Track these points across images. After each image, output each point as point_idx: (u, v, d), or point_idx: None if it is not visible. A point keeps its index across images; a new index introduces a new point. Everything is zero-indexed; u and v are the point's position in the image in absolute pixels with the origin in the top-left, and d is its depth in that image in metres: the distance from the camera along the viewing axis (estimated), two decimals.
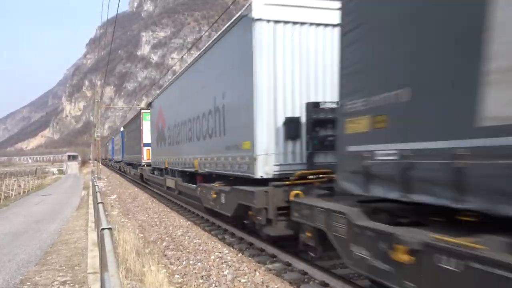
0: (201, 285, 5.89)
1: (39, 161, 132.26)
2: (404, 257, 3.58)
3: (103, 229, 4.23)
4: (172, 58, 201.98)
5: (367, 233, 4.15)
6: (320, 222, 5.22)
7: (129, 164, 29.95)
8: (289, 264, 6.38)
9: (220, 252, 7.51)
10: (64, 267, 6.56)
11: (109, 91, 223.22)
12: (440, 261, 3.22)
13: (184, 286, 5.95)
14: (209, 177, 10.01)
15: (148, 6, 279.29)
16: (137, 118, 24.45)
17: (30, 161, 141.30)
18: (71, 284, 5.65)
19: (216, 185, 9.07)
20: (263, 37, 6.76)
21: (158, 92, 18.10)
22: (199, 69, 10.38)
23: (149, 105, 19.30)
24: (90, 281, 5.67)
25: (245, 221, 8.25)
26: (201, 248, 7.97)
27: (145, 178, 22.05)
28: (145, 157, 21.77)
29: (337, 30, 5.54)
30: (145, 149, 21.71)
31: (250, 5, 6.82)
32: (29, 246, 8.34)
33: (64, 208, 15.07)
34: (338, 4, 5.00)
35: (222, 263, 6.82)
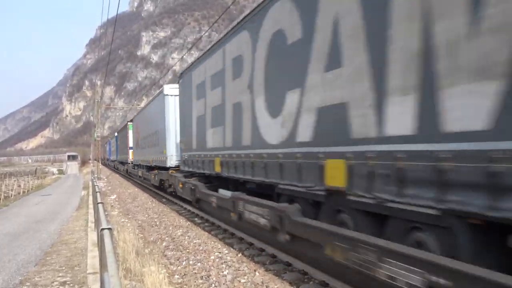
0: (201, 285, 5.88)
1: (39, 161, 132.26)
2: (181, 185, 12.56)
3: (103, 229, 4.23)
4: (172, 58, 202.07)
5: (180, 181, 12.65)
6: (173, 181, 13.89)
7: (121, 163, 40.17)
8: (289, 264, 6.38)
9: (220, 252, 7.50)
10: (64, 268, 6.56)
11: (109, 91, 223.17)
12: (186, 185, 11.89)
13: (184, 286, 5.94)
14: (155, 168, 18.24)
15: (148, 6, 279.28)
16: (125, 127, 32.95)
17: (30, 161, 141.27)
18: (71, 285, 5.64)
19: (156, 171, 18.03)
20: (169, 102, 14.55)
21: (136, 113, 27.84)
22: (151, 107, 19.25)
23: (131, 121, 28.96)
24: (90, 281, 5.67)
25: (161, 186, 17.41)
26: (201, 248, 7.97)
27: (128, 172, 32.27)
28: (130, 157, 29.12)
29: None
30: (130, 151, 29.12)
31: (163, 88, 15.05)
32: (29, 246, 8.34)
33: (64, 208, 15.07)
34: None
35: (222, 263, 6.81)
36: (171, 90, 14.39)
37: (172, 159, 14.49)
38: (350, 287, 5.12)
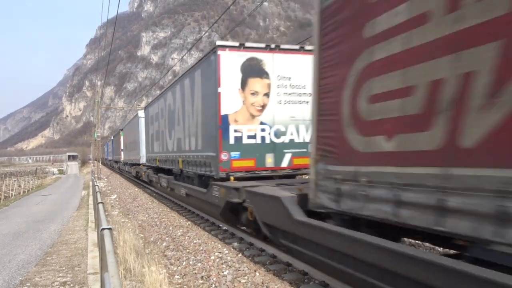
0: (201, 286, 5.89)
1: (39, 161, 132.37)
2: (143, 174, 22.41)
3: (103, 229, 4.24)
4: (172, 59, 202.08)
5: (143, 171, 22.13)
6: (141, 172, 23.17)
7: (115, 161, 49.01)
8: (289, 265, 6.38)
9: (220, 253, 7.50)
10: (64, 268, 6.56)
11: (109, 91, 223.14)
12: (145, 174, 21.62)
13: (184, 286, 5.95)
14: (135, 164, 25.65)
15: (148, 7, 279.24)
16: (118, 133, 41.32)
17: (30, 161, 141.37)
18: (71, 285, 5.64)
19: (135, 167, 25.79)
20: (142, 122, 22.76)
21: (125, 124, 38.91)
22: (132, 123, 28.15)
23: (122, 129, 37.28)
24: (90, 281, 5.68)
25: (137, 176, 25.56)
26: (201, 248, 7.97)
27: (120, 169, 41.74)
28: (122, 157, 36.53)
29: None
30: (122, 152, 36.77)
31: (138, 112, 25.05)
32: (29, 246, 8.34)
33: (64, 208, 15.08)
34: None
35: (222, 264, 6.81)
36: (143, 114, 22.36)
37: (143, 159, 22.30)
38: (350, 287, 5.12)
